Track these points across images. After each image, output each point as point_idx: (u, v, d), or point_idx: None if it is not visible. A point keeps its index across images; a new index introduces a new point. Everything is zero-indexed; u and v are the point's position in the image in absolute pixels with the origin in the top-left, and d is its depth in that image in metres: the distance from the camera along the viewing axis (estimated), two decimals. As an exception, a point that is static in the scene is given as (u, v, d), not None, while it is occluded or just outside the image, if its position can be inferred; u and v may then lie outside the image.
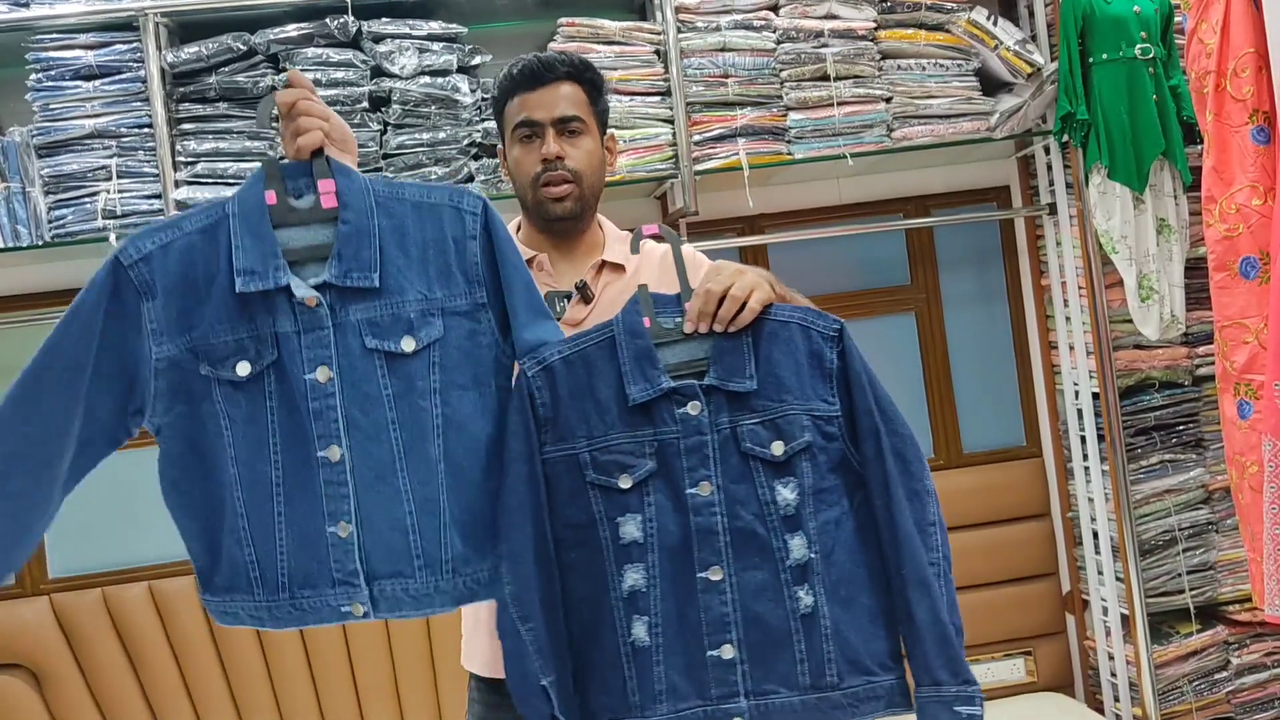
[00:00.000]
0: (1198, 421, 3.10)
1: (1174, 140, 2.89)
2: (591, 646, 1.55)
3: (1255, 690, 3.09)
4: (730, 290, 1.53)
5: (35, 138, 2.72)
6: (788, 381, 1.55)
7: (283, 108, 1.52)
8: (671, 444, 1.54)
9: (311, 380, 1.47)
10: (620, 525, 1.54)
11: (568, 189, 1.78)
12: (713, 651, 1.53)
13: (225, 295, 1.46)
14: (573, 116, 1.78)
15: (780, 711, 1.55)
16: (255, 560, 1.50)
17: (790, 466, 1.54)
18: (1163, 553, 3.07)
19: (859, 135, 2.93)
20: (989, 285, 3.36)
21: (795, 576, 1.53)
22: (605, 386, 1.56)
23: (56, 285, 3.02)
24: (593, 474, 1.55)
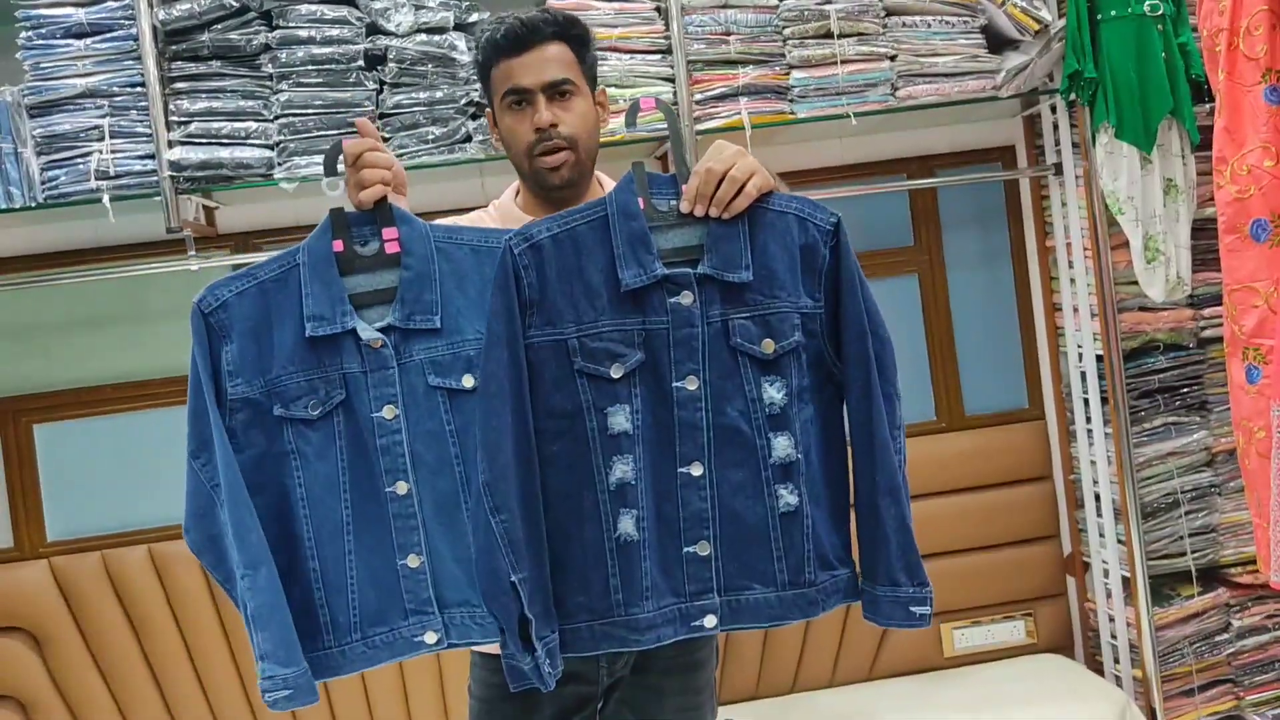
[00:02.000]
0: (1202, 384, 3.08)
1: (1182, 99, 2.85)
2: (572, 543, 1.52)
3: (1256, 653, 3.09)
4: (730, 171, 1.49)
5: (26, 97, 2.67)
6: (781, 276, 1.52)
7: (349, 157, 1.58)
8: (660, 335, 1.51)
9: (379, 418, 1.55)
10: (609, 415, 1.51)
11: (564, 157, 1.73)
12: (689, 548, 1.52)
13: (297, 339, 1.55)
14: (562, 80, 1.72)
15: (753, 608, 1.54)
16: (326, 603, 1.56)
17: (779, 365, 1.52)
18: (1165, 515, 3.06)
19: (863, 94, 2.89)
20: (993, 246, 3.33)
21: (778, 475, 1.52)
22: (595, 269, 1.52)
23: (50, 247, 3.00)
24: (581, 361, 1.51)
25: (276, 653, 1.50)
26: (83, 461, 3.04)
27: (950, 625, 3.22)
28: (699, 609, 1.53)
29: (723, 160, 1.50)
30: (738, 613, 1.54)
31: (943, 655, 3.22)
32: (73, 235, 3.00)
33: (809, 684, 3.18)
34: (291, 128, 2.71)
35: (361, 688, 3.01)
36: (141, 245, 2.98)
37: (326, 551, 1.56)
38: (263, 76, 2.72)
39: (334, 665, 1.57)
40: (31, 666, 2.91)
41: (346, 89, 2.73)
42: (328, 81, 2.72)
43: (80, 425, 3.03)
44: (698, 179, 1.50)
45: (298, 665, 1.51)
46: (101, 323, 3.04)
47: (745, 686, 3.16)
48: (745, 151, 1.53)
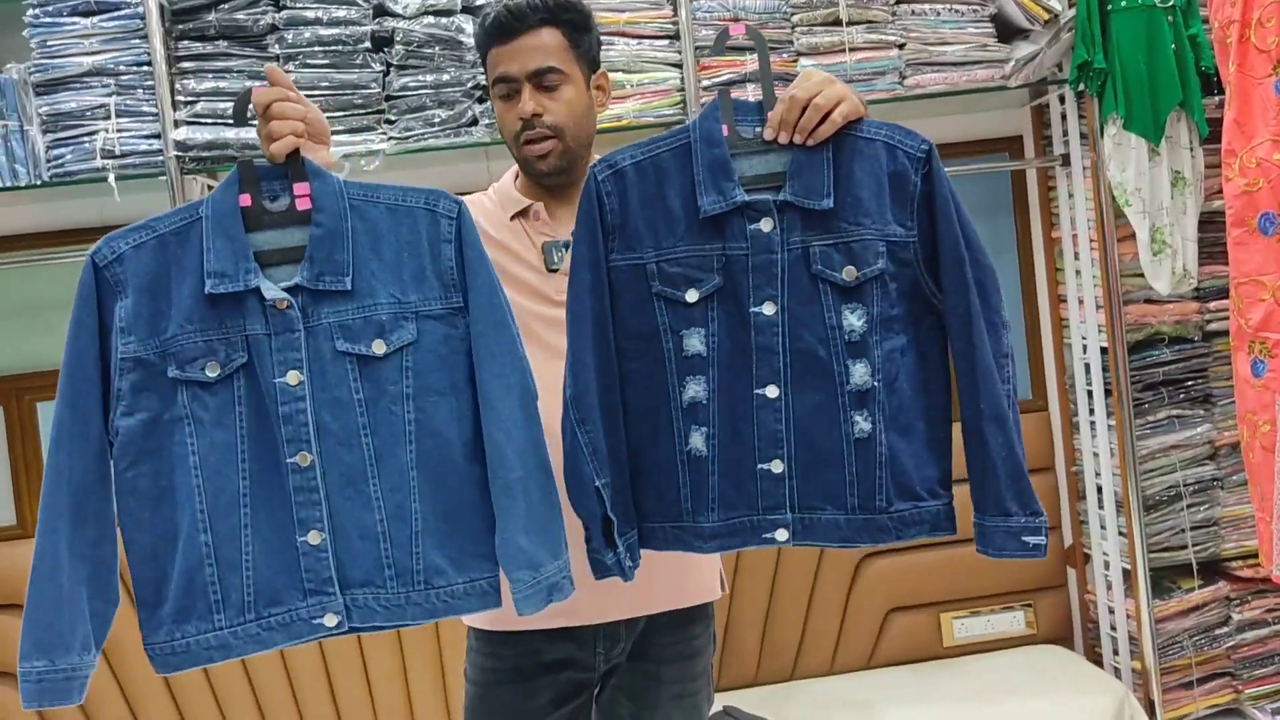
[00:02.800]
0: (1206, 377, 3.08)
1: (1192, 91, 2.84)
2: (648, 454, 1.58)
3: (1256, 646, 3.09)
4: (815, 99, 1.47)
5: (33, 75, 2.67)
6: (867, 203, 1.51)
7: (258, 107, 1.50)
8: (740, 260, 1.52)
9: (281, 384, 1.46)
10: (684, 338, 1.55)
11: (549, 145, 1.72)
12: (763, 465, 1.54)
13: (196, 297, 1.46)
14: (547, 69, 1.70)
15: (824, 527, 1.56)
16: (217, 581, 1.46)
17: (860, 293, 1.52)
18: (1167, 508, 3.06)
19: (871, 82, 2.88)
20: (999, 237, 3.32)
21: (854, 402, 1.53)
22: (676, 195, 1.54)
23: (55, 225, 2.99)
24: (659, 285, 1.54)
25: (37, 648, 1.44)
26: (86, 440, 3.03)
27: (950, 615, 3.22)
28: (770, 522, 1.56)
29: (808, 87, 1.48)
30: (809, 530, 1.56)
31: (942, 645, 3.22)
32: (78, 214, 2.99)
33: (808, 672, 3.18)
34: (298, 109, 2.70)
35: (361, 668, 3.02)
36: (146, 225, 2.97)
37: (220, 525, 1.46)
38: (269, 57, 2.71)
39: (223, 646, 1.47)
40: (33, 644, 2.92)
41: (353, 70, 2.72)
42: (334, 63, 2.71)
43: (84, 404, 3.03)
44: (782, 106, 1.48)
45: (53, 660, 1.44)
46: (106, 302, 3.04)
47: (745, 673, 3.17)
48: (834, 79, 1.51)
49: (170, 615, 1.47)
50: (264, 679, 3.00)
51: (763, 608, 3.15)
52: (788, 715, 2.92)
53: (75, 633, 1.46)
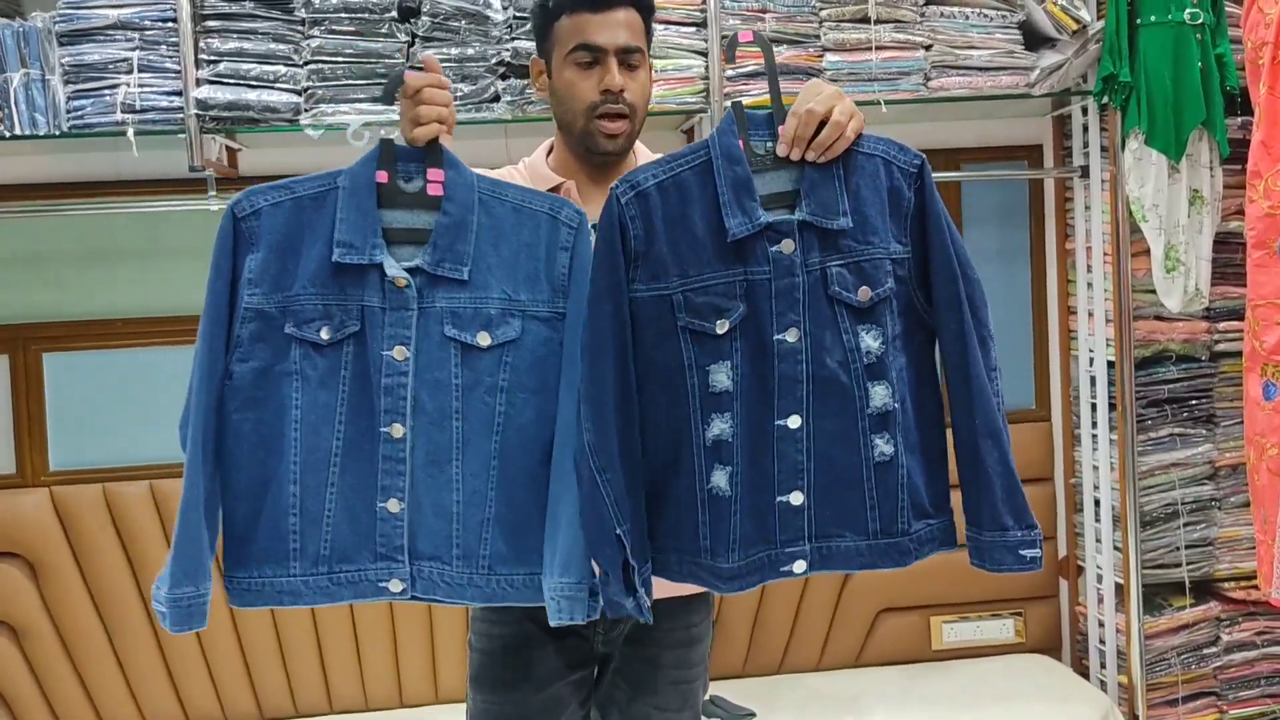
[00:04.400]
0: (1211, 397, 3.08)
1: (1215, 110, 2.83)
2: (666, 493, 1.54)
3: (1243, 668, 3.10)
4: (833, 115, 1.45)
5: (57, 25, 2.66)
6: (874, 221, 1.50)
7: (409, 89, 1.53)
8: (763, 285, 1.48)
9: (388, 357, 1.52)
10: (711, 373, 1.51)
11: (623, 125, 1.71)
12: (782, 498, 1.51)
13: (322, 262, 1.53)
14: (635, 48, 1.70)
15: (843, 554, 1.54)
16: (299, 531, 1.54)
17: (874, 313, 1.50)
18: (1163, 525, 3.06)
19: (895, 82, 2.87)
20: (1012, 244, 3.31)
21: (874, 425, 1.51)
22: (701, 218, 1.49)
23: (72, 176, 2.99)
24: (686, 318, 1.50)
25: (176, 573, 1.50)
26: (90, 393, 3.04)
27: (940, 619, 3.23)
28: (788, 555, 1.53)
29: (823, 100, 1.45)
30: (827, 558, 1.54)
31: (931, 648, 3.23)
32: (93, 167, 2.99)
33: (797, 666, 3.19)
34: (320, 74, 2.70)
35: (352, 636, 3.03)
36: (162, 182, 2.97)
37: (309, 479, 1.53)
38: (295, 21, 2.70)
39: (294, 593, 1.55)
40: (26, 593, 2.93)
41: (378, 39, 2.71)
42: (360, 30, 2.71)
43: (90, 357, 3.03)
44: (797, 121, 1.45)
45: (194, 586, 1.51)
46: (117, 256, 3.03)
47: (733, 664, 3.18)
48: (842, 92, 1.49)
49: (253, 555, 1.55)
50: (254, 636, 3.01)
51: (754, 600, 3.16)
52: (774, 708, 2.93)
53: (208, 561, 1.54)
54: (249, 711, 3.04)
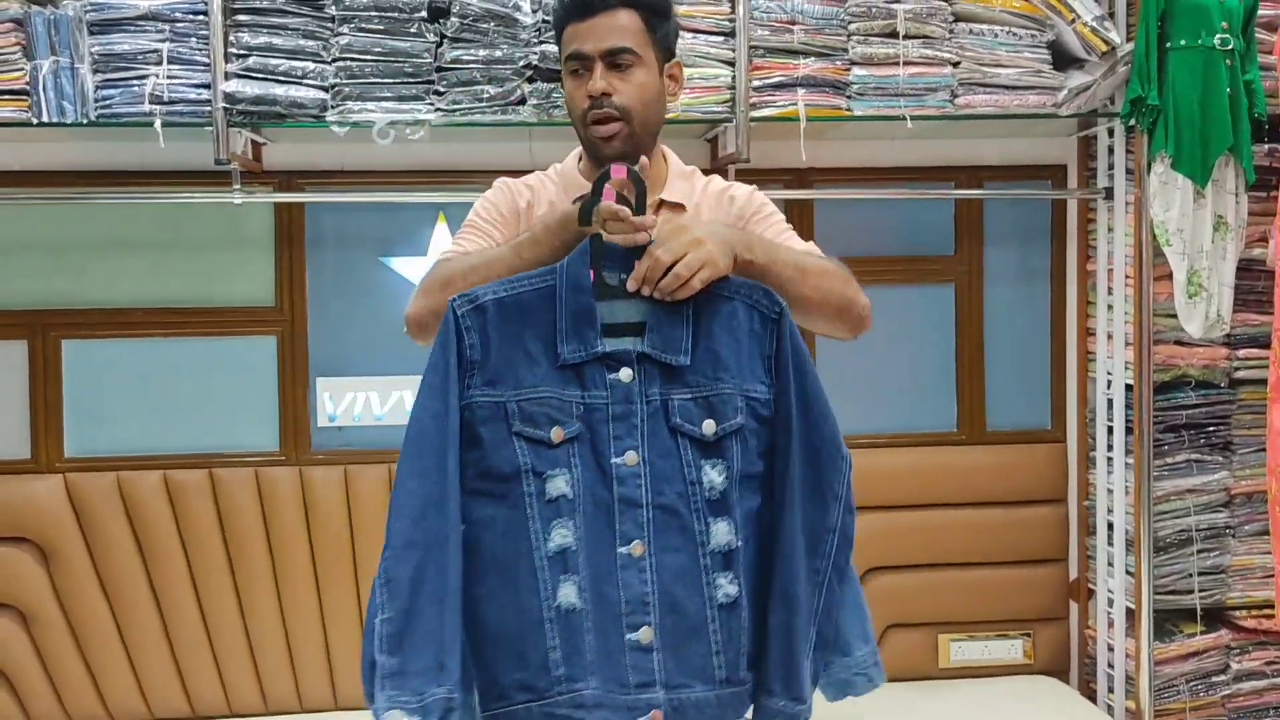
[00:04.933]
0: (1229, 424, 3.06)
1: (1242, 136, 2.82)
2: (507, 613, 1.46)
3: (1251, 697, 3.08)
4: (677, 265, 1.47)
5: (88, 13, 2.67)
6: (726, 359, 1.50)
7: (604, 214, 1.49)
8: (600, 409, 1.49)
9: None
10: (548, 480, 1.47)
11: (615, 128, 1.69)
12: (631, 635, 1.46)
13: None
14: (622, 49, 1.68)
15: (695, 707, 1.49)
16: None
17: (720, 448, 1.49)
18: (1176, 551, 3.05)
19: (921, 98, 2.86)
20: (1033, 264, 3.30)
21: (717, 563, 1.48)
22: (536, 339, 1.50)
23: (97, 165, 3.00)
24: (520, 424, 1.48)
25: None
26: (107, 381, 3.05)
27: (949, 637, 3.21)
28: (645, 703, 1.46)
29: (672, 248, 1.47)
30: (681, 711, 1.48)
31: (937, 666, 3.22)
32: (119, 156, 3.00)
33: (802, 679, 3.18)
34: (348, 71, 2.71)
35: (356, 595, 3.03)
36: (187, 173, 2.98)
37: None
38: (325, 18, 2.71)
39: None
40: (35, 578, 2.94)
41: (406, 39, 2.72)
42: (389, 29, 2.71)
43: (108, 345, 3.04)
44: (645, 264, 1.47)
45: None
46: (139, 246, 3.04)
47: (738, 675, 3.17)
48: (705, 238, 1.49)
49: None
50: (261, 629, 3.02)
51: (762, 612, 3.15)
52: None
53: None
54: (254, 704, 3.04)
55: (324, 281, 3.08)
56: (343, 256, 3.09)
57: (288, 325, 3.07)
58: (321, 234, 3.08)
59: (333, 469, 3.04)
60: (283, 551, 3.01)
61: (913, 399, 3.28)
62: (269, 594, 3.01)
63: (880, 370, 3.25)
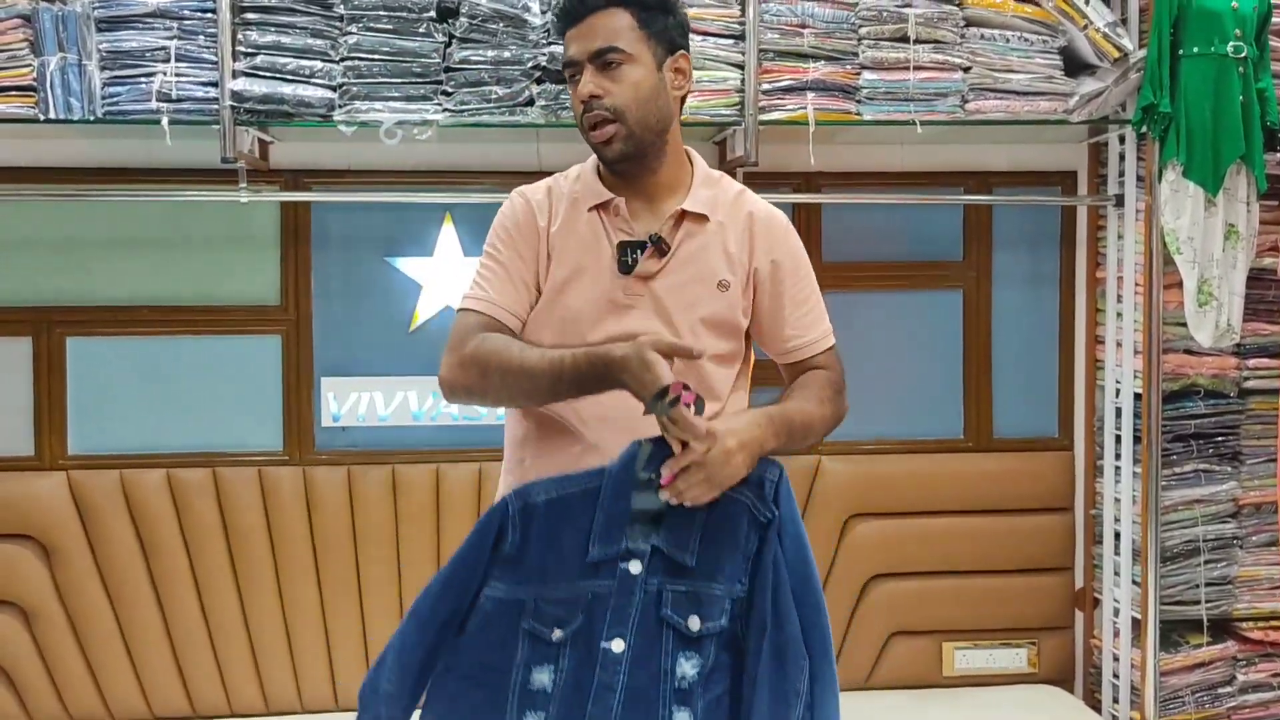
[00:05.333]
0: (1238, 434, 3.05)
1: (1254, 145, 2.81)
2: None
3: (1257, 709, 3.07)
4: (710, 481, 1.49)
5: (96, 10, 2.67)
6: (724, 562, 1.56)
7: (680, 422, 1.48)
8: (603, 598, 1.54)
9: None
10: (534, 672, 1.55)
11: (611, 130, 1.67)
12: None
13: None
14: (608, 48, 1.65)
15: None
16: None
17: (700, 644, 1.54)
18: (1183, 561, 3.03)
19: (932, 103, 2.85)
20: (1042, 270, 3.28)
21: None
22: (572, 538, 1.55)
23: (103, 162, 2.99)
24: (532, 622, 1.55)
25: None
26: (111, 379, 3.04)
27: (953, 645, 3.20)
28: None
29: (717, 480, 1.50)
30: None
31: (942, 674, 3.20)
32: (125, 154, 2.99)
33: (805, 686, 3.16)
34: (356, 71, 2.70)
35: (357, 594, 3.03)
36: (193, 171, 2.97)
37: None
38: (334, 17, 2.71)
39: None
40: (37, 575, 2.93)
41: (415, 39, 2.71)
42: (397, 29, 2.70)
43: (113, 343, 3.03)
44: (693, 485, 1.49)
45: None
46: (144, 244, 3.04)
47: (741, 681, 3.15)
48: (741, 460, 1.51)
49: None
50: (262, 629, 3.02)
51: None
52: (781, 728, 2.91)
53: None
54: (255, 703, 3.03)
55: (329, 281, 3.07)
56: (348, 256, 3.08)
57: (292, 325, 3.06)
58: (327, 233, 3.07)
59: (336, 469, 3.03)
60: (285, 551, 3.01)
61: (920, 405, 3.26)
62: (270, 594, 3.01)
63: (887, 376, 3.23)
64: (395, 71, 2.71)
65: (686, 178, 1.76)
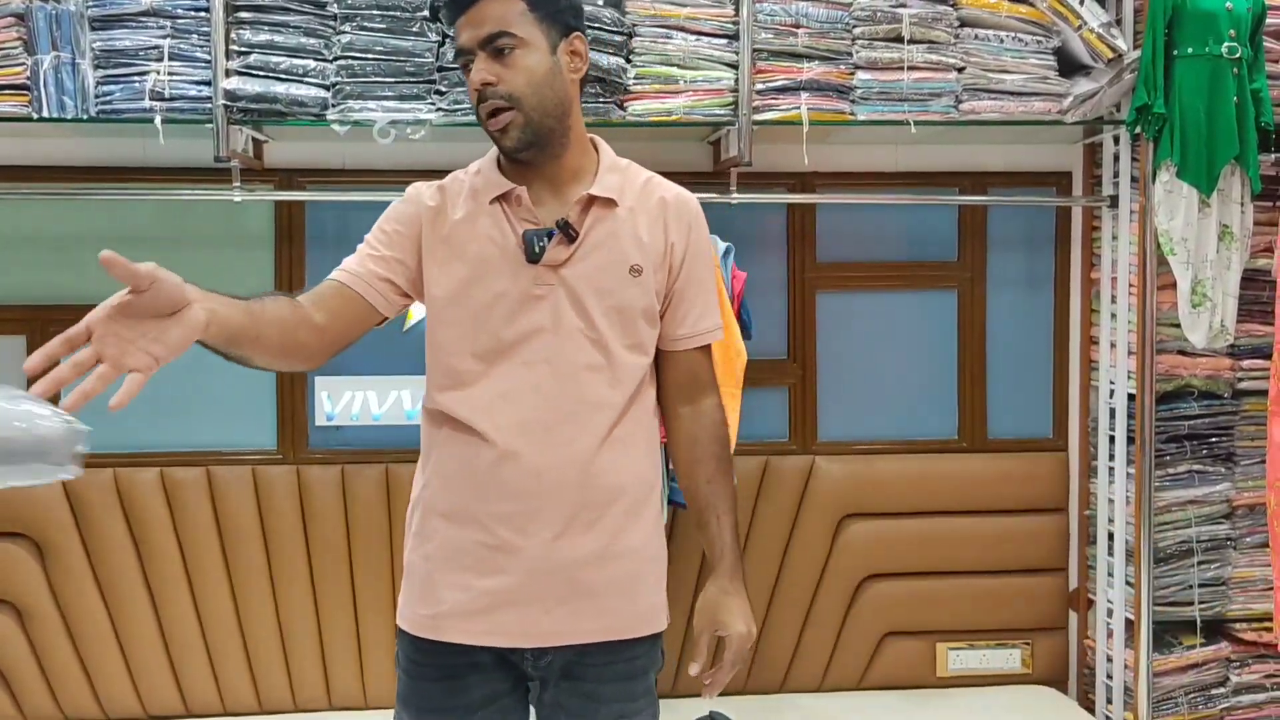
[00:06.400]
0: (1232, 435, 3.04)
1: (1249, 145, 2.81)
2: None
3: (1251, 710, 3.06)
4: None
5: (90, 9, 2.67)
6: None
7: None
8: None
9: None
10: None
11: (507, 118, 1.62)
12: None
13: None
14: (498, 34, 1.61)
15: None
16: None
17: None
18: (1177, 562, 3.03)
19: (926, 103, 2.85)
20: (1037, 271, 3.28)
21: None
22: None
23: (97, 161, 2.99)
24: None
25: None
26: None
27: (946, 645, 3.20)
28: None
29: (738, 664, 1.80)
30: None
31: (935, 674, 3.20)
32: (119, 152, 2.99)
33: (798, 686, 3.17)
34: (349, 70, 2.70)
35: (351, 594, 3.03)
36: (187, 170, 2.97)
37: None
38: (327, 16, 2.70)
39: None
40: (31, 574, 2.93)
41: (409, 38, 2.71)
42: (391, 28, 2.70)
43: (106, 342, 3.03)
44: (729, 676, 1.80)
45: None
46: (138, 242, 3.04)
47: (734, 682, 3.11)
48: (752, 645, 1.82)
49: None
50: (256, 628, 3.01)
51: (760, 617, 3.14)
52: (773, 728, 2.91)
53: None
54: (248, 702, 3.03)
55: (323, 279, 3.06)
56: (343, 255, 3.01)
57: (287, 324, 3.06)
58: (322, 232, 3.07)
59: (330, 468, 3.03)
60: (279, 550, 3.00)
61: (914, 405, 3.26)
62: (264, 592, 3.00)
63: (881, 375, 3.24)
64: (389, 70, 2.71)
65: (592, 164, 1.73)
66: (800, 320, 3.19)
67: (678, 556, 2.72)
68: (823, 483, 3.15)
